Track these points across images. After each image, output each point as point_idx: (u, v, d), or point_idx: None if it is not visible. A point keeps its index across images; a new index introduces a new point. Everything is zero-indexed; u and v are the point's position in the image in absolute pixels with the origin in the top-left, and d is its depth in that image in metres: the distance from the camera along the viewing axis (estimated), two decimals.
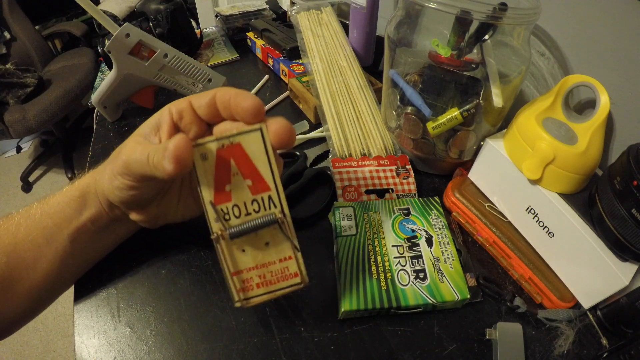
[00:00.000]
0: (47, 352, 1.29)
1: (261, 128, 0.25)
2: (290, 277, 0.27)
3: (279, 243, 0.27)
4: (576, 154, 0.34)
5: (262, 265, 0.27)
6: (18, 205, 1.79)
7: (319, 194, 0.45)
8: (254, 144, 0.25)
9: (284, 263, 0.27)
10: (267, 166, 0.26)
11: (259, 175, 0.26)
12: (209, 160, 0.26)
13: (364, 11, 0.60)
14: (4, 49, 1.70)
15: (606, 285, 0.33)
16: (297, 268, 0.27)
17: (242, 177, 0.26)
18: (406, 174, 0.45)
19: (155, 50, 0.51)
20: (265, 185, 0.26)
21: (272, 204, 0.26)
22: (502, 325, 0.33)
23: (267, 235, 0.27)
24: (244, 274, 0.27)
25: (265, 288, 0.27)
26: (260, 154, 0.26)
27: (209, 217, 0.26)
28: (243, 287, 0.27)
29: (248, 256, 0.27)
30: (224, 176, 0.26)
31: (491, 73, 0.39)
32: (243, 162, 0.26)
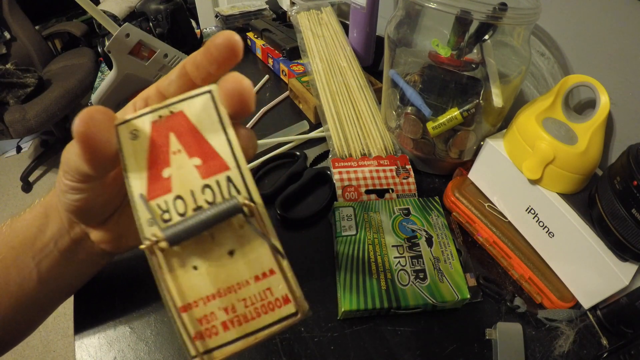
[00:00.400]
0: (47, 352, 1.29)
1: (211, 90, 0.19)
2: (278, 306, 0.17)
3: (251, 249, 0.18)
4: (576, 154, 0.34)
5: (227, 290, 0.17)
6: (18, 205, 1.79)
7: (319, 194, 0.45)
8: (203, 110, 0.18)
9: (264, 282, 0.17)
10: (223, 138, 0.18)
11: (211, 150, 0.18)
12: (141, 139, 0.18)
13: (364, 11, 0.60)
14: (4, 49, 1.70)
15: (606, 285, 0.33)
16: (286, 288, 0.17)
17: (187, 155, 0.18)
18: (406, 174, 0.45)
19: (155, 50, 0.51)
20: (220, 163, 0.18)
21: (234, 188, 0.18)
22: (502, 325, 0.33)
23: (230, 238, 0.18)
24: (199, 309, 0.17)
25: (238, 329, 0.17)
26: (212, 123, 0.18)
27: (140, 218, 0.18)
28: (201, 331, 0.17)
29: (203, 276, 0.17)
30: (160, 157, 0.18)
31: (491, 73, 0.39)
32: (188, 135, 0.18)
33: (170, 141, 0.18)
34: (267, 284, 0.17)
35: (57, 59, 1.83)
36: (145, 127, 0.19)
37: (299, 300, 0.17)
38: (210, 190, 0.18)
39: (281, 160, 0.50)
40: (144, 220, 0.18)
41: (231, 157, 0.18)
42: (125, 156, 0.18)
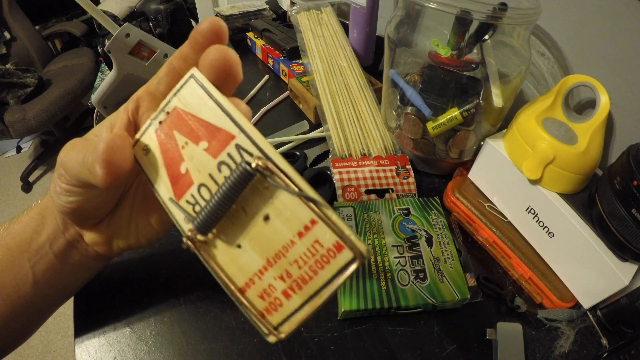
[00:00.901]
0: (47, 352, 1.29)
1: (192, 73, 0.19)
2: (333, 256, 0.15)
3: (285, 207, 0.16)
4: (576, 154, 0.34)
5: (276, 257, 0.16)
6: (18, 205, 1.79)
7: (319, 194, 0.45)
8: (192, 96, 0.18)
9: (309, 235, 0.16)
10: (219, 110, 0.18)
11: (213, 127, 0.18)
12: (152, 150, 0.19)
13: (364, 11, 0.60)
14: (4, 49, 1.70)
15: (606, 285, 0.33)
16: (334, 234, 0.15)
17: (195, 144, 0.18)
18: (406, 174, 0.45)
19: (155, 50, 0.51)
20: (225, 135, 0.17)
21: (246, 152, 0.17)
22: (502, 325, 0.33)
23: (260, 204, 0.17)
24: (256, 285, 0.17)
25: (300, 293, 0.16)
26: (205, 102, 0.18)
27: (177, 221, 0.19)
28: (266, 306, 0.17)
29: (249, 252, 0.17)
30: (174, 157, 0.19)
31: (491, 73, 0.39)
32: (189, 125, 0.18)
33: (177, 138, 0.19)
34: (313, 237, 0.16)
35: (57, 59, 1.83)
36: (151, 139, 0.19)
37: (354, 243, 0.15)
38: (226, 165, 0.17)
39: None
40: (180, 221, 0.18)
41: (232, 124, 0.17)
42: (146, 171, 0.19)
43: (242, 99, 0.62)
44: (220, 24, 0.19)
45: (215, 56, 0.18)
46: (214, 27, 0.19)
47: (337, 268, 0.15)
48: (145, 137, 0.20)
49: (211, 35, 0.19)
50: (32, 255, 0.28)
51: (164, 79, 0.22)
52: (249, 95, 0.63)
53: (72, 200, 0.24)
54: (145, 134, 0.20)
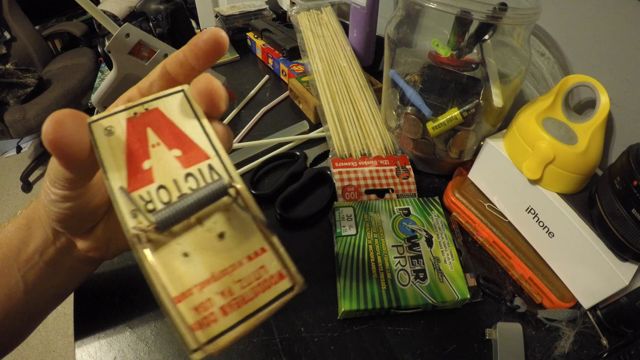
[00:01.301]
0: (47, 352, 1.29)
1: (184, 89, 0.20)
2: (274, 282, 0.17)
3: (241, 230, 0.17)
4: (576, 154, 0.34)
5: (222, 274, 0.17)
6: (18, 205, 1.79)
7: (319, 194, 0.45)
8: (178, 107, 0.19)
9: (257, 260, 0.17)
10: (200, 130, 0.19)
11: (190, 142, 0.18)
12: (117, 135, 0.18)
13: (364, 11, 0.60)
14: (4, 49, 1.70)
15: (606, 285, 0.33)
16: (279, 264, 0.17)
17: (167, 148, 0.18)
18: (406, 174, 0.45)
19: (155, 50, 0.51)
20: (200, 153, 0.18)
21: (216, 174, 0.18)
22: (502, 325, 0.33)
23: (219, 221, 0.17)
24: (194, 296, 0.16)
25: (238, 311, 0.16)
26: (189, 118, 0.19)
27: (122, 211, 0.17)
28: (199, 320, 0.16)
29: (195, 262, 0.17)
30: (139, 151, 0.18)
31: (491, 73, 0.38)
32: (165, 129, 0.19)
33: (148, 135, 0.19)
34: (260, 263, 0.17)
35: (57, 59, 1.83)
36: (120, 124, 0.19)
37: (294, 275, 0.17)
38: (194, 177, 0.18)
39: (281, 160, 0.50)
40: (126, 212, 0.17)
41: (210, 147, 0.18)
42: (101, 152, 0.18)
43: (242, 99, 0.62)
44: (222, 35, 0.20)
45: (204, 86, 0.19)
46: (216, 37, 0.20)
47: (275, 294, 0.17)
48: (112, 119, 0.19)
49: (213, 43, 0.20)
50: (22, 265, 0.27)
51: (158, 82, 0.22)
52: (249, 95, 0.63)
53: (67, 206, 0.24)
54: (114, 117, 0.19)
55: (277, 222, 0.42)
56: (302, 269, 0.36)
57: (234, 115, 0.59)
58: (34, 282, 0.28)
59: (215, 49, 0.21)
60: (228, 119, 0.58)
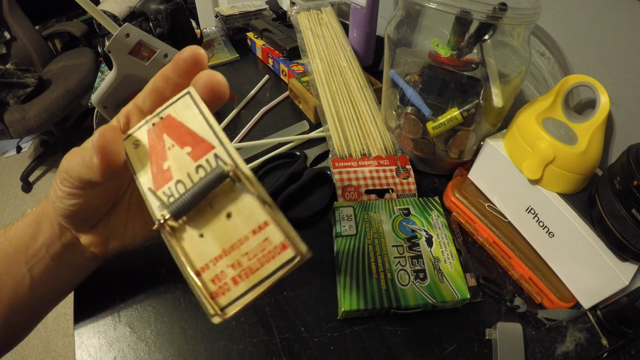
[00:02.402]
0: (47, 352, 1.29)
1: (189, 91, 0.22)
2: (278, 253, 0.19)
3: (245, 208, 0.20)
4: (576, 154, 0.34)
5: (231, 249, 0.19)
6: (18, 205, 1.79)
7: (319, 194, 0.45)
8: (186, 108, 0.22)
9: (262, 234, 0.19)
10: (205, 125, 0.21)
11: (198, 137, 0.21)
12: (142, 146, 0.22)
13: (364, 11, 0.60)
14: (4, 49, 1.70)
15: (606, 285, 0.33)
16: (282, 235, 0.19)
17: (180, 147, 0.21)
18: (406, 174, 0.45)
19: (155, 50, 0.51)
20: (207, 145, 0.21)
21: (221, 161, 0.20)
22: (502, 325, 0.33)
23: (225, 203, 0.20)
24: (210, 270, 0.19)
25: (246, 281, 0.19)
26: (195, 116, 0.22)
27: (151, 207, 0.21)
28: (216, 290, 0.19)
29: (209, 241, 0.20)
30: (159, 155, 0.22)
31: (491, 73, 0.39)
32: (177, 131, 0.22)
33: (165, 140, 0.22)
34: (264, 235, 0.19)
35: (57, 59, 1.83)
36: (143, 136, 0.23)
37: (296, 244, 0.18)
38: (202, 168, 0.21)
39: (281, 160, 0.50)
40: (154, 207, 0.21)
41: (214, 138, 0.21)
42: (132, 162, 0.22)
43: (242, 99, 0.62)
44: (200, 53, 0.22)
45: (206, 80, 0.22)
46: (195, 55, 0.22)
47: (280, 263, 0.19)
48: (137, 133, 0.23)
49: (192, 61, 0.22)
50: (29, 259, 0.29)
51: (149, 97, 0.24)
52: (249, 95, 0.63)
53: (74, 202, 0.26)
54: (138, 131, 0.23)
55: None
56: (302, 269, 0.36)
57: (234, 115, 0.59)
58: (39, 276, 0.29)
59: (194, 66, 0.22)
60: (228, 119, 0.58)
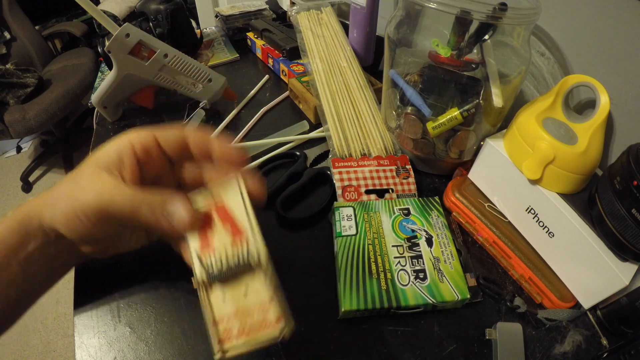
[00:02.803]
0: (47, 352, 1.29)
1: (239, 183, 0.29)
2: (272, 325, 0.25)
3: (259, 287, 0.26)
4: (576, 154, 0.34)
5: (242, 314, 0.26)
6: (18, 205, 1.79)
7: (319, 194, 0.45)
8: (234, 198, 0.29)
9: (265, 308, 0.26)
10: (245, 214, 0.28)
11: (237, 221, 0.28)
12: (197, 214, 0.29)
13: (364, 11, 0.60)
14: (4, 49, 1.70)
15: (606, 285, 0.33)
16: (279, 311, 0.25)
17: (222, 226, 0.28)
18: (406, 174, 0.45)
19: (155, 50, 0.51)
20: (242, 231, 0.28)
21: (250, 254, 0.27)
22: (502, 325, 0.33)
23: (247, 278, 0.27)
24: (224, 323, 0.26)
25: (245, 338, 0.25)
26: (238, 204, 0.29)
27: (194, 266, 0.27)
28: (223, 337, 0.25)
29: (228, 305, 0.26)
30: (207, 228, 0.28)
31: (491, 73, 0.38)
32: (224, 214, 0.29)
33: (214, 218, 0.28)
34: (267, 310, 0.26)
35: (57, 59, 1.83)
36: (200, 208, 0.29)
37: (287, 318, 0.25)
38: (236, 246, 0.27)
39: (281, 160, 0.50)
40: (197, 267, 0.27)
41: (248, 224, 0.28)
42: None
43: (242, 99, 0.62)
44: (243, 158, 0.30)
45: (254, 188, 0.28)
46: (239, 158, 0.29)
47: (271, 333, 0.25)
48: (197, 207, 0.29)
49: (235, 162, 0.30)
50: (22, 261, 0.28)
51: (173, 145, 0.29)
52: (249, 95, 0.63)
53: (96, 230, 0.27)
54: (197, 205, 0.29)
55: (277, 222, 0.42)
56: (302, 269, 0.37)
57: (233, 115, 0.59)
58: (33, 273, 0.29)
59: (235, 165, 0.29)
60: (228, 119, 0.58)
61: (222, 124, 0.57)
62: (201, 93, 0.56)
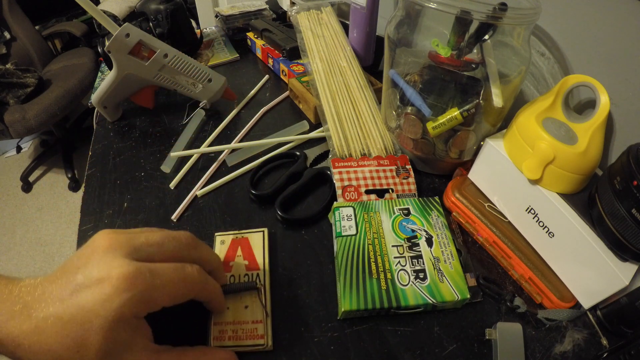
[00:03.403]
0: None
1: (263, 232, 0.39)
2: (257, 338, 0.32)
3: (255, 308, 0.33)
4: (576, 154, 0.34)
5: (237, 323, 0.32)
6: (18, 205, 1.79)
7: (319, 194, 0.45)
8: (256, 239, 0.38)
9: (255, 325, 0.32)
10: (262, 255, 0.37)
11: (255, 259, 0.37)
12: (225, 244, 0.38)
13: (364, 11, 0.60)
14: (4, 49, 1.70)
15: (606, 285, 0.33)
16: (264, 331, 0.32)
17: (243, 258, 0.37)
18: (406, 174, 0.45)
19: (155, 50, 0.51)
20: (256, 266, 0.36)
21: (259, 279, 0.35)
22: (502, 325, 0.33)
23: (248, 300, 0.34)
24: (221, 326, 0.32)
25: (234, 342, 0.31)
26: (259, 246, 0.38)
27: None
28: (218, 336, 0.32)
29: (229, 313, 0.33)
30: (231, 255, 0.37)
31: (491, 73, 0.38)
32: (246, 249, 0.38)
33: (237, 250, 0.38)
34: (256, 326, 0.32)
35: (57, 59, 1.83)
36: (228, 240, 0.39)
37: (267, 339, 0.32)
38: (248, 276, 0.36)
39: (281, 160, 0.50)
40: None
41: (263, 265, 0.37)
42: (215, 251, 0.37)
43: (242, 99, 0.62)
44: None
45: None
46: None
47: (254, 343, 0.32)
48: (225, 237, 0.39)
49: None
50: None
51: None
52: (249, 95, 0.63)
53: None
54: (226, 235, 0.39)
55: (277, 222, 0.42)
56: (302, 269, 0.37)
57: (234, 115, 0.59)
58: None
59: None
60: (228, 119, 0.58)
61: (222, 124, 0.57)
62: (201, 93, 0.56)
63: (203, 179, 0.47)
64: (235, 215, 0.43)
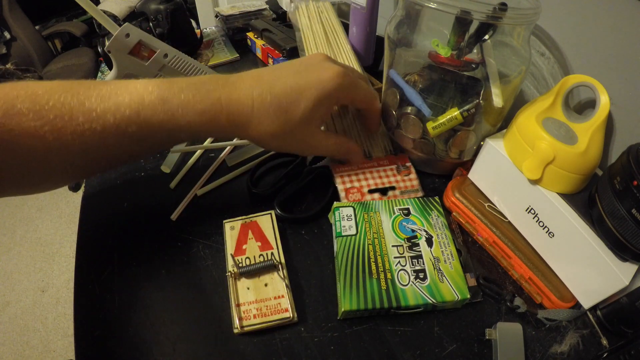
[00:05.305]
0: (47, 352, 1.29)
1: (271, 213, 0.40)
2: (282, 312, 0.33)
3: (276, 284, 0.35)
4: (576, 154, 0.34)
5: (260, 301, 0.34)
6: (18, 205, 1.79)
7: (319, 194, 0.45)
8: (266, 222, 0.40)
9: (278, 300, 0.34)
10: (273, 235, 0.39)
11: (267, 239, 0.38)
12: (235, 230, 0.39)
13: (364, 11, 0.60)
14: (4, 49, 1.70)
15: (606, 285, 0.33)
16: (287, 305, 0.33)
17: (255, 240, 0.38)
18: (407, 171, 0.45)
19: (155, 50, 0.51)
20: (269, 246, 0.38)
21: (274, 257, 0.36)
22: (502, 325, 0.33)
23: (267, 278, 0.35)
24: (245, 306, 0.34)
25: (260, 319, 0.33)
26: (269, 228, 0.39)
27: (228, 263, 0.37)
28: (243, 317, 0.33)
29: (251, 293, 0.34)
30: (243, 239, 0.38)
31: (491, 73, 0.38)
32: (256, 232, 0.39)
33: (249, 233, 0.39)
34: (279, 301, 0.34)
35: (57, 59, 1.83)
36: (238, 225, 0.40)
37: (292, 311, 0.33)
38: (263, 256, 0.37)
39: (281, 159, 0.50)
40: (229, 264, 0.36)
41: (275, 244, 0.38)
42: (226, 237, 0.39)
43: None
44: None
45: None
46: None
47: (280, 317, 0.33)
48: (234, 223, 0.40)
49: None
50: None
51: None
52: None
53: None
54: (235, 221, 0.40)
55: (277, 221, 0.42)
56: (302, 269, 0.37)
57: None
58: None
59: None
60: None
61: None
62: None
63: (203, 178, 0.47)
64: (235, 214, 0.43)
